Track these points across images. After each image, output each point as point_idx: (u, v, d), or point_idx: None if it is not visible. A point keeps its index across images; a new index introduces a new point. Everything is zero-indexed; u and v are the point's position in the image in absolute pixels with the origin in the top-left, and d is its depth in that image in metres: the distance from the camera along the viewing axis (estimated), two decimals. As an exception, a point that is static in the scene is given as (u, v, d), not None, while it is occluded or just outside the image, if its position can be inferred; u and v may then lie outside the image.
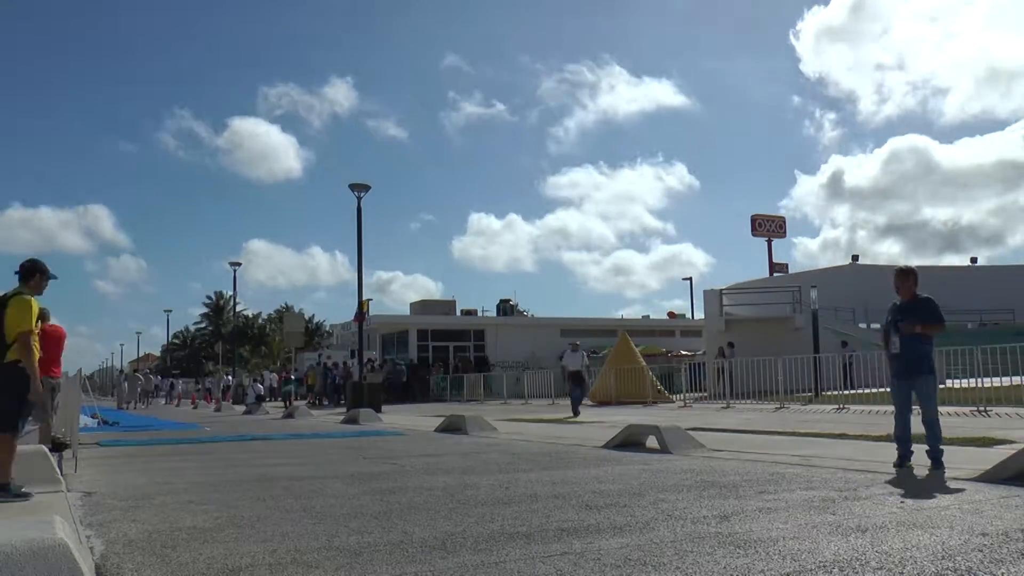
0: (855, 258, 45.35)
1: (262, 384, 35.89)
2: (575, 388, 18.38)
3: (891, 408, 7.29)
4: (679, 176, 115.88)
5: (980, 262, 46.72)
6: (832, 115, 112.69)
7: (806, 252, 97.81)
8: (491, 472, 7.28)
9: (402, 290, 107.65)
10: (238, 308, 63.18)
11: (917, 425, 6.78)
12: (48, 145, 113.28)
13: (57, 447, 8.83)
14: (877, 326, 36.82)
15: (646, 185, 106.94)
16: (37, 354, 5.92)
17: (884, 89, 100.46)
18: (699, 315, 40.76)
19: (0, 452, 5.77)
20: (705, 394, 23.12)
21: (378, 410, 19.61)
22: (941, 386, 16.46)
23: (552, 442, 10.56)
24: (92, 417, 18.82)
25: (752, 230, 45.92)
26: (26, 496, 5.71)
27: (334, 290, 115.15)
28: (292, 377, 33.14)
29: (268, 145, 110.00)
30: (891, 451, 7.95)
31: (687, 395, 22.43)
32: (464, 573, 3.49)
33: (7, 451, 5.81)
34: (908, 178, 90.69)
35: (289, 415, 22.27)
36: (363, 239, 23.90)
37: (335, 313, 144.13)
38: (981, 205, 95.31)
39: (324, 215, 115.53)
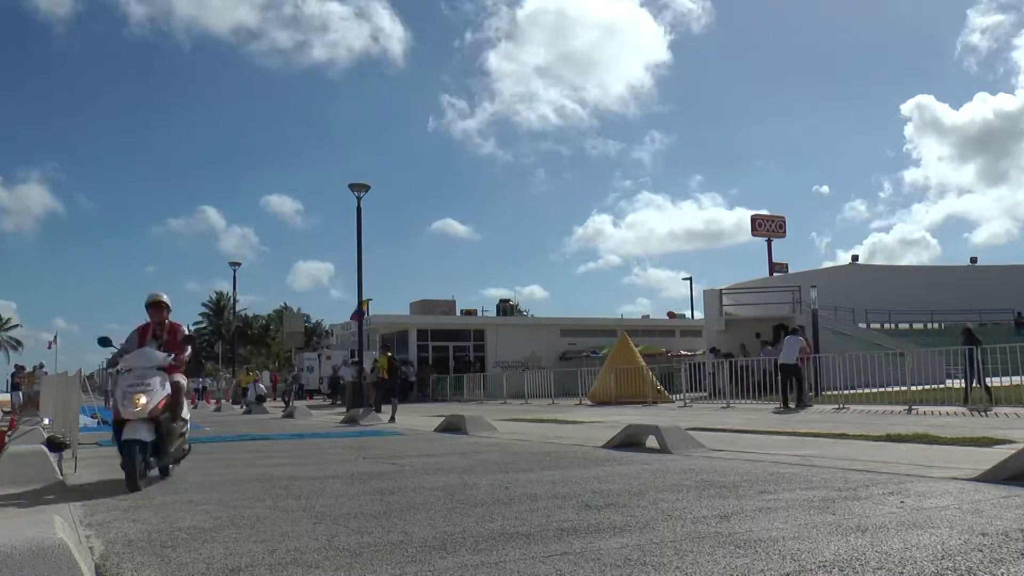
0: (855, 258, 45.52)
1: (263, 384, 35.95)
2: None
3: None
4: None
5: (982, 261, 46.87)
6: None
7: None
8: (491, 472, 7.28)
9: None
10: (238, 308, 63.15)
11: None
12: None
13: (57, 447, 8.81)
14: (877, 326, 37.07)
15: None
16: None
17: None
18: (699, 315, 40.78)
19: None
20: (705, 394, 23.14)
21: (378, 410, 19.61)
22: (941, 386, 16.61)
23: (552, 442, 10.56)
24: (92, 417, 18.83)
25: (752, 230, 45.96)
26: None
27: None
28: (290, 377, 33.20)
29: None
30: (892, 451, 7.98)
31: (687, 395, 22.45)
32: (464, 573, 3.48)
33: None
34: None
35: (289, 415, 22.28)
36: (363, 238, 23.99)
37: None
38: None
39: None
